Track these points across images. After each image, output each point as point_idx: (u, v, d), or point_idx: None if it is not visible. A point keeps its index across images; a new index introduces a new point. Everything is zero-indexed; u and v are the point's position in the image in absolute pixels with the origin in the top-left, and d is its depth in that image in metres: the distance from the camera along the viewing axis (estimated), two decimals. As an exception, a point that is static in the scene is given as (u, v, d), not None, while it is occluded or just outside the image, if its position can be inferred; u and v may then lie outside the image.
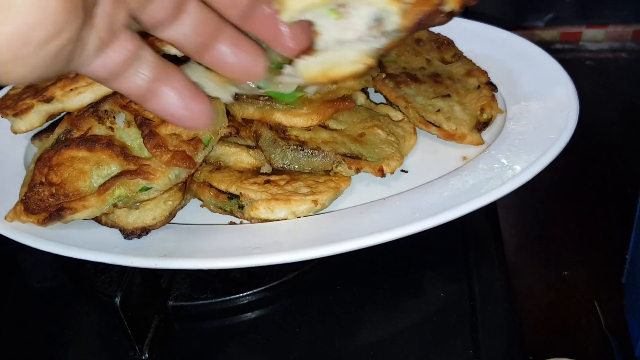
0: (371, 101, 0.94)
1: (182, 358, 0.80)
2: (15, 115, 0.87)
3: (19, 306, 0.91)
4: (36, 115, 0.87)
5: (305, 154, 0.80)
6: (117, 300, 0.73)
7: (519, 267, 1.19)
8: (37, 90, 0.89)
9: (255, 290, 0.85)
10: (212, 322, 0.85)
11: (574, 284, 1.24)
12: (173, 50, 0.86)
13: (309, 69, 0.63)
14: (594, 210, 1.40)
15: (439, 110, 0.89)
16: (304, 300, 0.86)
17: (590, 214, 1.40)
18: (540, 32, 1.65)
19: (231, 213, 0.80)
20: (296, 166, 0.81)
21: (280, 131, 0.81)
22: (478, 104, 0.90)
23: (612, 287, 1.21)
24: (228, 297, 0.85)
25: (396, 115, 0.91)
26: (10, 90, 0.95)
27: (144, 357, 0.78)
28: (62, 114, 0.87)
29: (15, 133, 0.89)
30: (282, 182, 0.79)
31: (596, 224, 1.37)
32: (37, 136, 0.93)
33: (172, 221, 0.80)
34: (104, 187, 0.74)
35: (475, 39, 1.03)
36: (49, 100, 0.86)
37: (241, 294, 0.85)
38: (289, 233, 0.74)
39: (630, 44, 1.80)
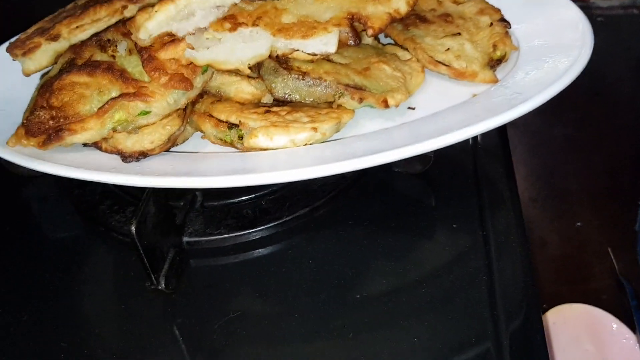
0: (379, 42, 0.92)
1: (197, 292, 0.81)
2: (24, 54, 0.88)
3: (37, 250, 0.92)
4: (44, 54, 0.88)
5: (307, 83, 0.79)
6: (133, 227, 0.73)
7: (532, 220, 1.16)
8: (44, 29, 0.90)
9: (267, 226, 0.86)
10: (226, 257, 0.85)
11: (588, 234, 1.21)
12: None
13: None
14: (606, 163, 1.38)
15: (448, 49, 0.86)
16: (316, 236, 0.85)
17: (603, 166, 1.37)
18: None
19: (231, 144, 0.79)
20: (297, 96, 0.80)
21: (282, 61, 0.79)
22: (490, 40, 0.87)
23: (625, 235, 1.18)
24: (241, 232, 0.85)
25: (404, 54, 0.89)
26: (21, 35, 0.96)
27: (160, 287, 0.78)
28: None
29: (26, 74, 0.90)
30: (283, 112, 0.78)
31: (609, 176, 1.34)
32: (46, 75, 0.94)
33: (172, 150, 0.79)
34: (103, 109, 0.74)
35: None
36: (55, 38, 0.86)
37: (254, 229, 0.85)
38: (286, 155, 0.73)
39: None
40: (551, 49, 0.85)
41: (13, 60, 0.90)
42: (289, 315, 0.77)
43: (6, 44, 1.04)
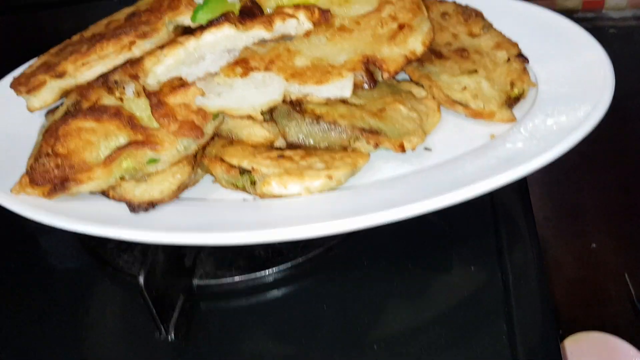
0: (394, 79, 0.89)
1: (209, 338, 0.78)
2: (29, 92, 0.85)
3: (42, 287, 0.89)
4: (49, 92, 0.85)
5: (322, 128, 0.76)
6: (141, 279, 0.70)
7: (547, 239, 1.14)
8: (49, 66, 0.87)
9: (280, 268, 0.83)
10: (238, 300, 0.83)
11: (603, 256, 1.19)
12: (187, 22, 0.85)
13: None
14: (621, 180, 1.36)
15: (465, 88, 0.84)
16: (331, 277, 0.83)
17: (619, 185, 1.35)
18: (563, 0, 1.60)
19: (243, 189, 0.77)
20: (312, 141, 0.77)
21: (296, 104, 0.77)
22: (508, 78, 0.84)
23: (642, 258, 1.15)
24: (253, 275, 0.83)
25: (419, 92, 0.86)
26: (26, 69, 0.93)
27: (169, 338, 0.76)
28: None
29: (31, 111, 0.87)
30: (297, 157, 0.75)
31: (625, 195, 1.33)
32: (51, 113, 0.92)
33: (182, 196, 0.77)
34: (111, 158, 0.71)
35: (501, 14, 0.97)
36: (61, 75, 0.84)
37: (266, 271, 0.83)
38: (301, 207, 0.71)
39: None
40: (571, 89, 0.83)
41: (17, 95, 0.87)
42: (306, 361, 0.75)
43: (9, 78, 1.02)
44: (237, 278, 0.83)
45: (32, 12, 1.70)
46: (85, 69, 0.83)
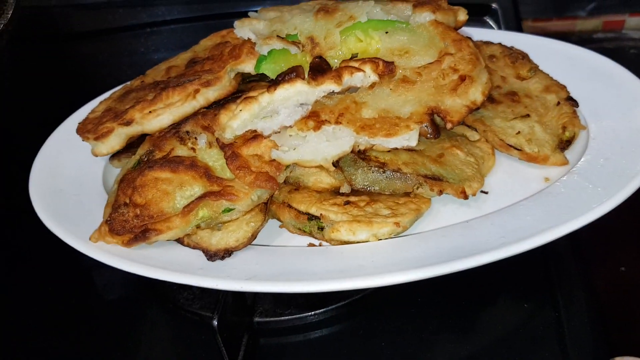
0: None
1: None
2: (97, 139, 0.89)
3: (102, 323, 0.92)
4: (116, 138, 0.89)
5: (387, 176, 0.80)
6: (215, 322, 0.73)
7: None
8: (116, 113, 0.90)
9: (337, 305, 0.86)
10: (296, 336, 0.86)
11: (633, 279, 1.21)
12: (247, 70, 0.88)
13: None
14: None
15: (519, 132, 0.87)
16: (386, 314, 0.86)
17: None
18: (583, 21, 1.61)
19: (310, 234, 0.80)
20: (377, 187, 0.81)
21: (361, 152, 0.80)
22: (559, 122, 0.87)
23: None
24: (311, 312, 0.86)
25: (472, 135, 0.89)
26: (89, 114, 0.96)
27: None
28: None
29: (96, 156, 0.91)
30: (362, 204, 0.78)
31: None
32: (115, 156, 0.95)
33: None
34: (188, 208, 0.74)
35: (548, 55, 1.00)
36: (128, 123, 0.87)
37: (324, 309, 0.86)
38: (372, 256, 0.73)
39: None
40: (622, 132, 0.85)
41: (82, 141, 0.90)
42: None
43: (69, 122, 1.05)
44: (295, 316, 0.86)
45: (67, 42, 1.74)
46: (152, 116, 0.87)
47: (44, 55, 1.66)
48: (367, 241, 0.76)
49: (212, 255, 0.75)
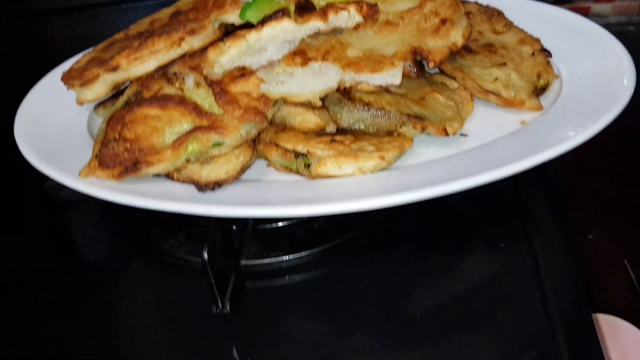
0: (427, 72, 0.96)
1: (256, 313, 0.83)
2: (82, 85, 0.89)
3: (88, 277, 0.93)
4: (102, 85, 0.90)
5: (372, 114, 0.82)
6: (205, 254, 0.75)
7: None
8: (102, 60, 0.91)
9: (321, 248, 0.88)
10: (282, 279, 0.88)
11: (600, 246, 1.26)
12: (232, 20, 0.89)
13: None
14: (617, 176, 1.42)
15: (496, 79, 0.90)
16: (368, 257, 0.88)
17: (614, 179, 1.41)
18: None
19: (297, 172, 0.82)
20: (362, 126, 0.83)
21: (346, 92, 0.82)
22: (534, 70, 0.91)
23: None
24: (296, 255, 0.88)
25: (452, 83, 0.92)
26: (74, 65, 0.97)
27: (226, 310, 0.80)
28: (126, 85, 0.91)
29: (81, 103, 0.91)
30: (348, 141, 0.81)
31: (620, 187, 1.39)
32: (100, 105, 0.96)
33: (240, 178, 0.82)
34: (179, 141, 0.76)
35: (521, 13, 1.04)
36: (114, 69, 0.88)
37: (308, 251, 0.88)
38: (356, 185, 0.76)
39: (637, 17, 1.81)
40: (593, 79, 0.89)
41: (68, 89, 0.91)
42: (352, 335, 0.79)
43: (56, 72, 1.06)
44: (280, 258, 0.89)
45: (42, 18, 1.73)
46: (138, 63, 0.88)
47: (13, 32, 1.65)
48: (353, 175, 0.79)
49: (203, 187, 0.77)
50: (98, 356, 0.81)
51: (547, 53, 0.93)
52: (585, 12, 1.85)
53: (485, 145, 0.82)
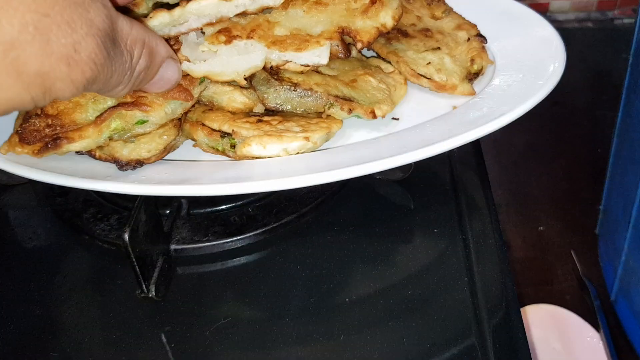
0: (362, 55, 0.95)
1: (185, 298, 0.83)
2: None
3: (18, 259, 0.92)
4: None
5: (299, 94, 0.82)
6: (126, 235, 0.74)
7: None
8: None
9: (255, 232, 0.88)
10: (214, 264, 0.87)
11: (550, 237, 1.28)
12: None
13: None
14: (565, 169, 1.45)
15: (429, 63, 0.90)
16: (302, 241, 0.88)
17: (563, 172, 1.45)
18: None
19: (223, 152, 0.81)
20: (289, 106, 0.82)
21: (274, 72, 0.82)
22: (468, 55, 0.91)
23: (586, 238, 1.25)
24: (229, 239, 0.87)
25: (387, 67, 0.92)
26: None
27: (150, 295, 0.79)
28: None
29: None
30: (275, 122, 0.80)
31: (568, 181, 1.42)
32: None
33: (165, 159, 0.81)
34: (101, 118, 0.75)
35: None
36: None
37: (241, 236, 0.87)
38: (280, 164, 0.75)
39: (595, 14, 1.85)
40: (525, 64, 0.90)
41: None
42: (280, 320, 0.79)
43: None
44: (212, 243, 0.88)
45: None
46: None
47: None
48: (277, 156, 0.78)
49: (124, 165, 0.76)
50: (23, 339, 0.80)
51: (482, 39, 0.94)
52: (544, 8, 1.86)
53: (413, 128, 0.82)
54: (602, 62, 1.76)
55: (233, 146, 0.80)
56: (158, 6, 0.90)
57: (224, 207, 0.92)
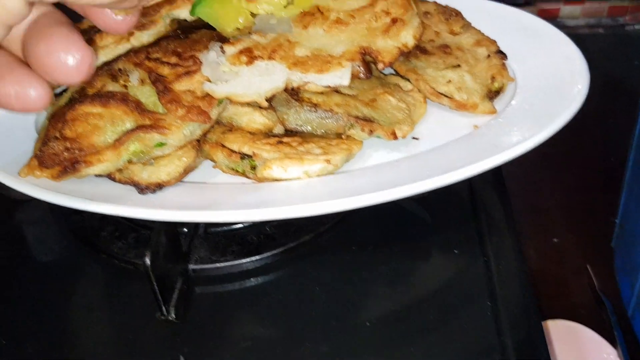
0: (381, 72, 0.94)
1: (204, 320, 0.82)
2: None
3: (34, 277, 0.92)
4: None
5: (319, 115, 0.81)
6: (147, 259, 0.73)
7: None
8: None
9: (272, 252, 0.88)
10: (232, 284, 0.87)
11: (564, 250, 1.26)
12: (183, 15, 0.88)
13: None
14: (579, 180, 1.44)
15: (449, 81, 0.89)
16: (321, 262, 0.88)
17: (577, 183, 1.43)
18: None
19: (243, 174, 0.80)
20: (309, 127, 0.82)
21: (294, 92, 0.81)
22: (489, 72, 0.90)
23: (602, 252, 1.23)
24: (246, 259, 0.87)
25: (406, 85, 0.91)
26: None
27: (170, 317, 0.79)
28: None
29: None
30: (295, 143, 0.79)
31: (582, 192, 1.40)
32: (56, 104, 0.93)
33: (184, 180, 0.80)
34: (120, 141, 0.74)
35: (480, 14, 1.03)
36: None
37: (259, 256, 0.87)
38: (302, 189, 0.74)
39: (606, 20, 1.83)
40: (546, 82, 0.89)
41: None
42: (300, 343, 0.79)
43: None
44: (230, 263, 0.87)
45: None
46: (85, 58, 0.86)
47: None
48: (298, 179, 0.77)
49: (144, 189, 0.75)
50: (41, 357, 0.79)
51: (502, 55, 0.92)
52: (554, 14, 1.85)
53: (435, 149, 0.81)
54: (614, 69, 1.74)
55: (253, 168, 0.79)
56: (176, 23, 0.89)
57: (240, 226, 0.91)
